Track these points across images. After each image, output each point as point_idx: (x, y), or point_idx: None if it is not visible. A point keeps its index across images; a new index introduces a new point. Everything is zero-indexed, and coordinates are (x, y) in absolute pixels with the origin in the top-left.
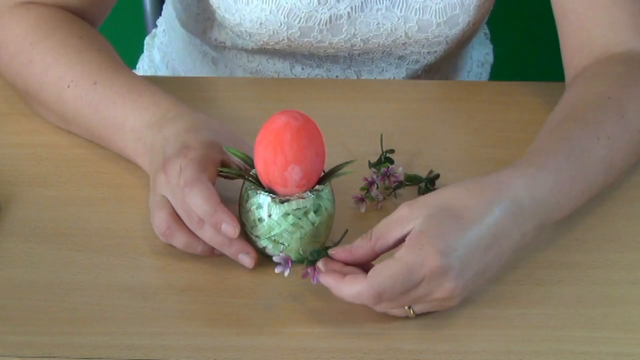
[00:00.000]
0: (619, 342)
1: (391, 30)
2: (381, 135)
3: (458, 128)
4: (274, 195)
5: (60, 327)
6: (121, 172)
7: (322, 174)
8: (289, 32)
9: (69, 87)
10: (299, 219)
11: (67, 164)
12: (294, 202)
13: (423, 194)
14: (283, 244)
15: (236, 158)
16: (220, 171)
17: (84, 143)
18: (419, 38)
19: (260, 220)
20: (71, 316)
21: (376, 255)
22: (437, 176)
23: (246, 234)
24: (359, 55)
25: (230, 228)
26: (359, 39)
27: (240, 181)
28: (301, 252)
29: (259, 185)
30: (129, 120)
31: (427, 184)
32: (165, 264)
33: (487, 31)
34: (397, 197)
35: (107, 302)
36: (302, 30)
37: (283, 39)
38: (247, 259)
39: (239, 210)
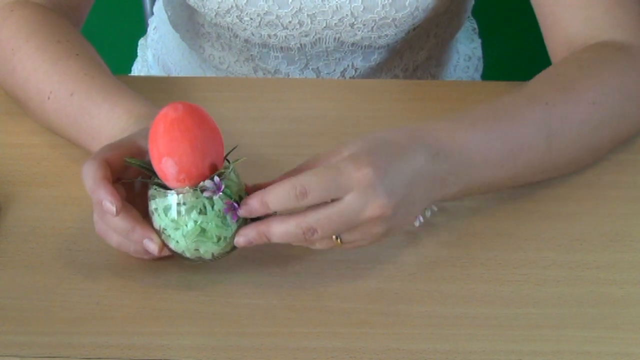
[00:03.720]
0: (619, 342)
1: (337, 7)
2: None
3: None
4: (157, 188)
5: (60, 327)
6: None
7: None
8: None
9: (48, 98)
10: (182, 215)
11: (67, 164)
12: (170, 196)
13: None
14: (174, 239)
15: None
16: (126, 161)
17: None
18: (366, 19)
19: (152, 213)
20: (71, 316)
21: None
22: None
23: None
24: (311, 46)
25: (109, 204)
26: (305, 14)
27: None
28: (194, 251)
29: (156, 178)
30: (104, 130)
31: None
32: (165, 264)
33: (475, 26)
34: None
35: (107, 302)
36: None
37: (232, 7)
38: (151, 244)
39: None
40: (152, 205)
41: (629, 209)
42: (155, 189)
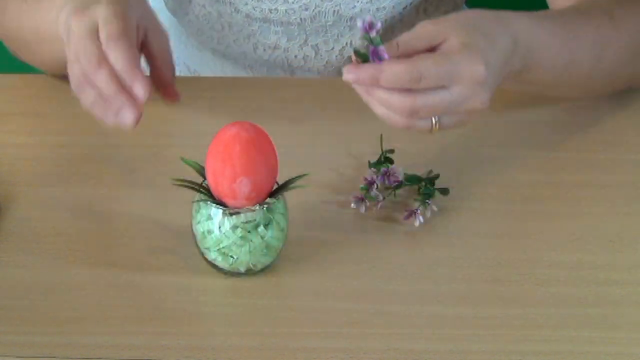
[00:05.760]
0: (619, 342)
1: None
2: (381, 136)
3: (458, 128)
4: (223, 208)
5: (60, 327)
6: (121, 172)
7: (276, 186)
8: None
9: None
10: (248, 232)
11: (67, 164)
12: (242, 215)
13: (423, 194)
14: (232, 257)
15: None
16: (183, 160)
17: (84, 143)
18: None
19: (210, 232)
20: (71, 316)
21: None
22: (437, 176)
23: (196, 246)
24: (311, 20)
25: (141, 88)
26: None
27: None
28: (251, 265)
29: (209, 196)
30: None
31: (427, 183)
32: (165, 263)
33: None
34: (397, 197)
35: (107, 302)
36: None
37: None
38: (127, 114)
39: (191, 221)
40: (209, 225)
41: (629, 209)
42: (217, 207)
